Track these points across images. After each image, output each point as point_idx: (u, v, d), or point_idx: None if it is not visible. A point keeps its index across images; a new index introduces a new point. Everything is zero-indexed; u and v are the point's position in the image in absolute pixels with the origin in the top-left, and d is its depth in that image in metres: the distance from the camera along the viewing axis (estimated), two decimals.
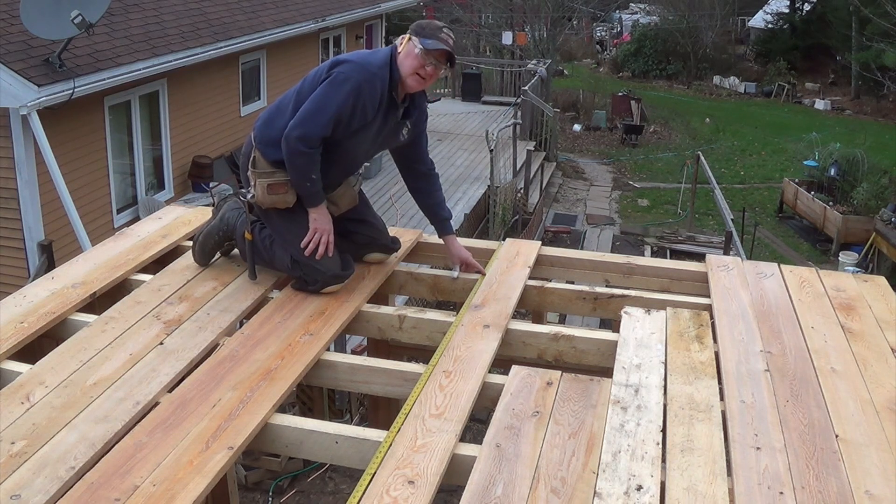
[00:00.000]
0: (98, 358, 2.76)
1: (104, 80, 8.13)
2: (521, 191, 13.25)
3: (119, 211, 9.24)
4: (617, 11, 35.70)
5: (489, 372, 2.80)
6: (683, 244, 14.53)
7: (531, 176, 14.66)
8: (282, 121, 3.19)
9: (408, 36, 3.19)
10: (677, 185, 17.87)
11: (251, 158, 3.28)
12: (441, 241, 3.70)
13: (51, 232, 8.02)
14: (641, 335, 3.05)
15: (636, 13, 37.93)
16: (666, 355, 2.91)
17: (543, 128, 17.19)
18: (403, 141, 3.44)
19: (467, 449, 2.39)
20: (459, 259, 3.60)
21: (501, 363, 3.01)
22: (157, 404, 2.54)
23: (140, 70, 8.66)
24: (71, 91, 7.63)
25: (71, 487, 2.16)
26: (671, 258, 11.77)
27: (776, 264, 3.79)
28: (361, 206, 3.55)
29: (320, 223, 3.25)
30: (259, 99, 12.13)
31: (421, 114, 3.44)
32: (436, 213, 3.63)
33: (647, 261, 3.86)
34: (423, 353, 3.32)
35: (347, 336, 5.41)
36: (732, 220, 12.32)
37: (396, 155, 3.58)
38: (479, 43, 29.12)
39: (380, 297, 3.56)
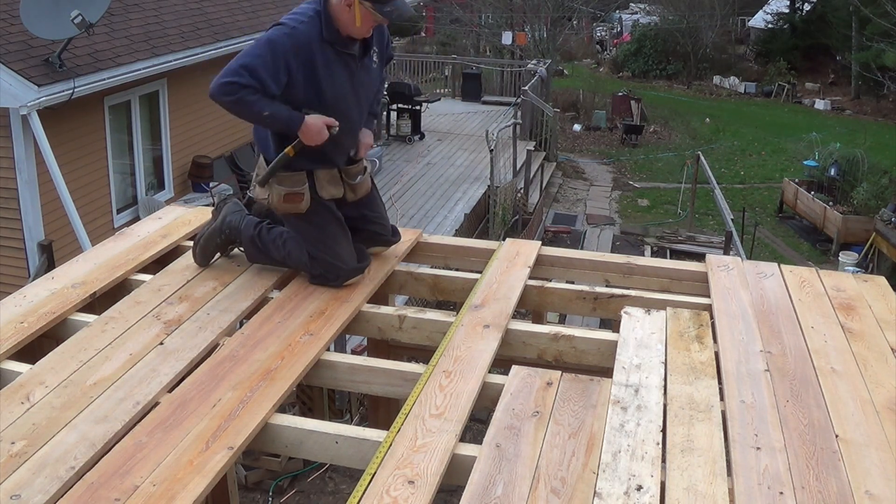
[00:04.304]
0: (98, 358, 2.76)
1: (104, 80, 8.13)
2: (521, 191, 13.25)
3: (119, 211, 9.24)
4: (617, 11, 35.69)
5: (489, 372, 2.80)
6: (683, 244, 14.53)
7: (531, 176, 14.66)
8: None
9: (354, 0, 3.02)
10: (677, 185, 17.87)
11: (261, 160, 3.30)
12: (439, 241, 3.74)
13: (51, 232, 8.02)
14: (641, 335, 3.05)
15: (636, 13, 37.91)
16: (666, 355, 2.91)
17: (543, 128, 17.19)
18: (378, 68, 3.38)
19: (467, 449, 2.39)
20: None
21: (501, 363, 3.01)
22: (157, 404, 2.54)
23: (140, 70, 8.66)
24: (71, 91, 7.63)
25: (71, 487, 2.16)
26: (671, 258, 11.77)
27: (776, 264, 3.78)
28: (370, 199, 3.55)
29: (314, 127, 3.11)
30: None
31: (381, 36, 3.35)
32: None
33: (647, 261, 3.86)
34: (423, 353, 3.32)
35: (347, 336, 5.41)
36: (732, 220, 12.33)
37: None
38: (479, 43, 29.12)
39: (380, 297, 3.56)
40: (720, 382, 2.76)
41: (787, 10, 33.15)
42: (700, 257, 4.03)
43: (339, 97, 3.21)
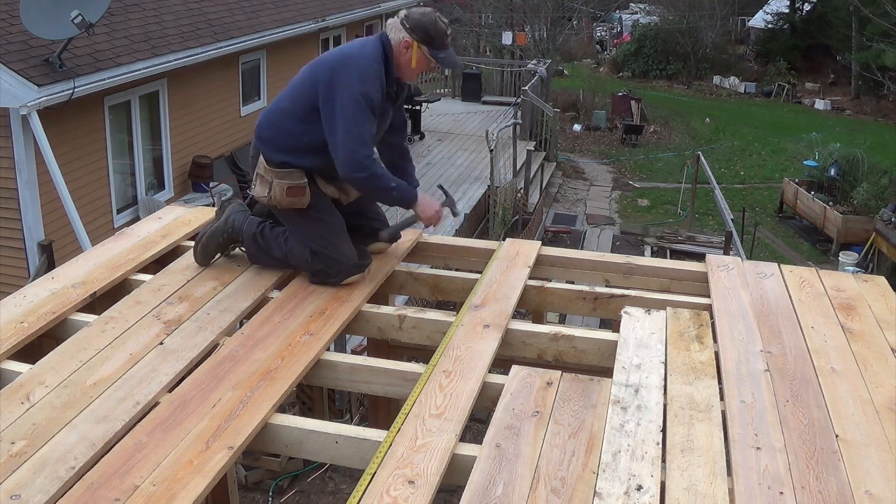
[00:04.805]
0: (98, 358, 2.76)
1: (104, 80, 8.13)
2: (521, 191, 13.25)
3: (119, 211, 9.23)
4: (617, 11, 35.69)
5: (489, 372, 2.80)
6: (683, 244, 14.53)
7: (531, 176, 14.66)
8: (287, 124, 3.23)
9: (413, 42, 3.19)
10: (677, 185, 17.87)
11: (262, 158, 3.31)
12: (440, 241, 3.76)
13: (51, 232, 8.02)
14: (641, 335, 3.05)
15: (636, 13, 37.92)
16: (666, 355, 2.91)
17: (543, 128, 17.19)
18: (397, 114, 3.55)
19: (467, 449, 2.39)
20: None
21: (501, 363, 3.01)
22: (157, 404, 2.54)
23: (140, 70, 8.66)
24: (71, 91, 7.63)
25: (71, 487, 2.16)
26: (671, 258, 11.77)
27: (776, 264, 3.79)
28: (365, 199, 3.58)
29: (428, 209, 3.36)
30: (259, 99, 12.12)
31: (404, 84, 3.49)
32: (400, 167, 3.67)
33: (647, 261, 3.86)
34: (423, 353, 3.33)
35: (347, 336, 5.41)
36: (732, 220, 12.32)
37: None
38: (479, 43, 29.13)
39: (380, 297, 3.56)
40: (720, 382, 2.76)
41: (787, 10, 33.15)
42: (700, 257, 4.02)
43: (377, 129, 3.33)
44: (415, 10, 3.25)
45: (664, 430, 2.48)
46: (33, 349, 2.91)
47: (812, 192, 16.84)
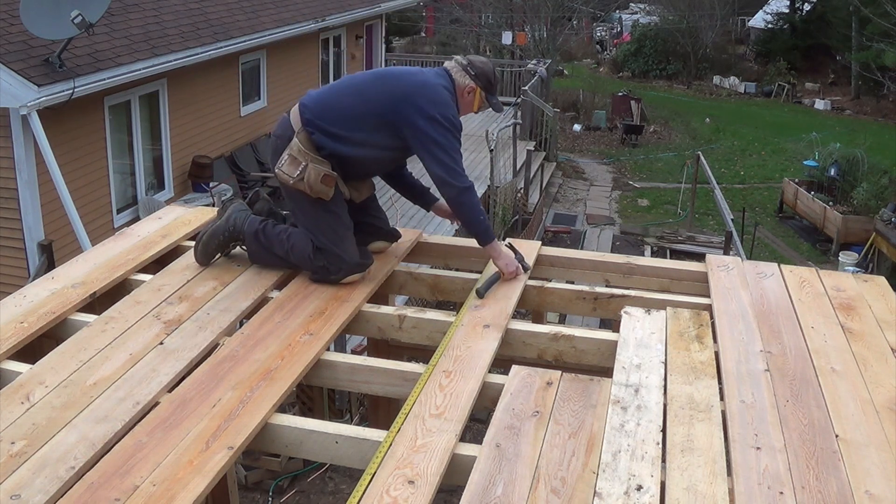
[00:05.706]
0: (98, 358, 2.76)
1: (104, 80, 8.13)
2: (521, 191, 13.26)
3: (119, 211, 9.23)
4: (617, 11, 35.70)
5: (489, 372, 2.80)
6: (683, 244, 14.53)
7: (531, 176, 14.66)
8: (345, 125, 3.29)
9: (476, 87, 3.44)
10: (677, 185, 17.88)
11: (307, 138, 3.29)
12: (440, 241, 3.74)
13: (51, 232, 8.02)
14: (641, 335, 3.05)
15: (636, 13, 37.94)
16: (666, 355, 2.91)
17: (543, 128, 17.21)
18: None
19: (467, 449, 2.39)
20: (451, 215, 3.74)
21: (501, 363, 3.01)
22: (157, 404, 2.54)
23: (140, 70, 8.66)
24: (71, 91, 7.63)
25: (71, 487, 2.16)
26: (671, 258, 11.77)
27: (776, 264, 3.78)
28: (370, 197, 3.63)
29: (511, 264, 3.45)
30: (259, 99, 12.12)
31: None
32: (418, 187, 3.77)
33: (647, 261, 3.86)
34: (423, 353, 3.32)
35: (347, 336, 5.41)
36: (732, 220, 12.32)
37: None
38: (479, 43, 29.14)
39: (380, 297, 3.56)
40: (720, 382, 2.76)
41: (787, 10, 33.17)
42: (700, 257, 4.02)
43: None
44: (475, 58, 3.50)
45: (664, 430, 2.48)
46: (33, 349, 2.91)
47: (812, 192, 16.84)
